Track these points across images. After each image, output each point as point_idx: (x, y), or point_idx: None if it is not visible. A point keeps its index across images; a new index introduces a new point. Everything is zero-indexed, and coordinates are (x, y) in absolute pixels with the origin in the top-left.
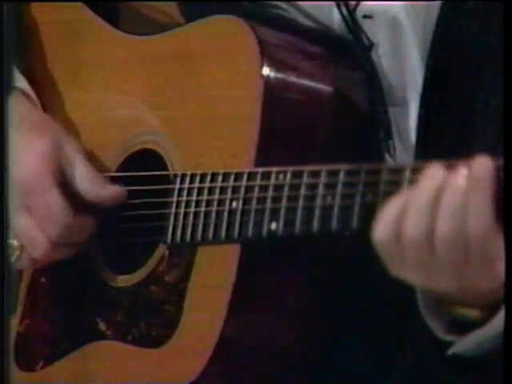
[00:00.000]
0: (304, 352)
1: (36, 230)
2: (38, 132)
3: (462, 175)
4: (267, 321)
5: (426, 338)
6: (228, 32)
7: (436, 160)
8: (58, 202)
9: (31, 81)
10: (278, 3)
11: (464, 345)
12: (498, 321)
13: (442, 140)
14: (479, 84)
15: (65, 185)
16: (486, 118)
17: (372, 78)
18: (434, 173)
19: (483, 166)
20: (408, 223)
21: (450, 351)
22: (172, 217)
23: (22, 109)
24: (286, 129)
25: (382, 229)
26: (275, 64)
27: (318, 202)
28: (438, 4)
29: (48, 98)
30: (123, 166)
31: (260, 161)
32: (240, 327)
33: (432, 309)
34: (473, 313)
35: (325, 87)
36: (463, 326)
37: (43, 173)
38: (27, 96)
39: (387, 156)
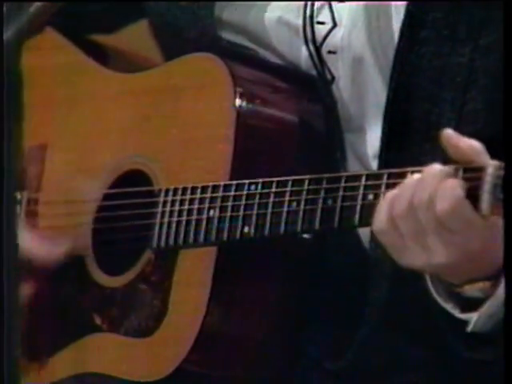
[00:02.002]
0: (273, 339)
1: None
2: None
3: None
4: (242, 313)
5: (443, 321)
6: (205, 68)
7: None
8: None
9: (34, 117)
10: (252, 46)
11: (479, 320)
12: (501, 290)
13: (404, 151)
14: (435, 101)
15: None
16: (453, 117)
17: (330, 110)
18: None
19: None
20: (396, 208)
21: (469, 328)
22: (157, 225)
23: None
24: (255, 150)
25: (379, 220)
26: (246, 96)
27: (285, 207)
28: (397, 33)
29: (46, 130)
30: (115, 184)
31: (233, 176)
32: (218, 319)
33: (444, 293)
34: (480, 286)
35: (289, 116)
36: (474, 302)
37: None
38: None
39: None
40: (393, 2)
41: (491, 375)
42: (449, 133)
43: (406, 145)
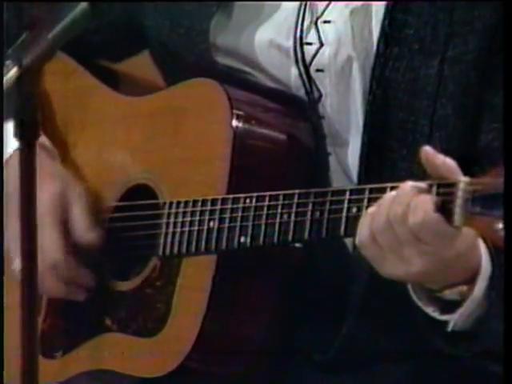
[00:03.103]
0: (270, 338)
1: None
2: (51, 178)
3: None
4: (239, 315)
5: (425, 322)
6: (205, 92)
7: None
8: (49, 240)
9: (49, 136)
10: (245, 69)
11: (458, 320)
12: (477, 291)
13: (383, 158)
14: (409, 110)
15: (64, 222)
16: (416, 137)
17: (317, 127)
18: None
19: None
20: (375, 223)
21: (449, 328)
22: (163, 235)
23: (39, 158)
24: (250, 167)
25: (361, 235)
26: (242, 117)
27: (277, 219)
28: (373, 40)
29: (61, 148)
30: (123, 198)
31: (230, 191)
32: (217, 321)
33: (424, 298)
34: (458, 290)
35: (280, 135)
36: (453, 304)
37: (48, 211)
38: (45, 148)
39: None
40: (381, 3)
41: (469, 369)
42: (427, 150)
43: (385, 152)
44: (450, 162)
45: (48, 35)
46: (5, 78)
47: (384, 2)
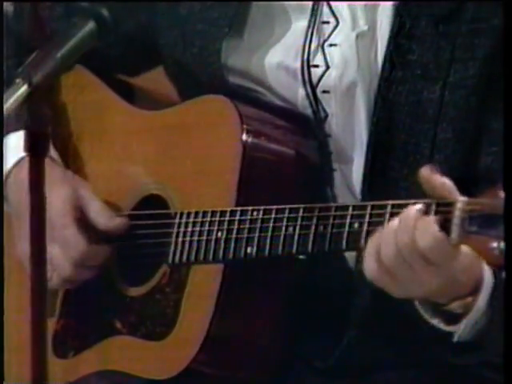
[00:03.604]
0: (274, 344)
1: (60, 257)
2: (60, 183)
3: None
4: (244, 322)
5: (432, 334)
6: (216, 107)
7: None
8: (74, 236)
9: (64, 146)
10: (256, 88)
11: (464, 330)
12: (481, 301)
13: (385, 177)
14: (411, 132)
15: (81, 220)
16: (417, 158)
17: (323, 144)
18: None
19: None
20: (383, 253)
21: (455, 339)
22: (173, 243)
23: (47, 169)
24: (258, 179)
25: (370, 269)
26: (251, 132)
27: (283, 231)
28: (377, 63)
29: (77, 159)
30: (137, 207)
31: (239, 202)
32: (223, 326)
33: (430, 311)
34: (464, 302)
35: (287, 150)
36: (458, 316)
37: (64, 213)
38: (52, 159)
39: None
40: (386, 29)
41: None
42: (426, 170)
43: (387, 171)
44: (447, 182)
45: (57, 54)
46: (15, 95)
47: (388, 28)
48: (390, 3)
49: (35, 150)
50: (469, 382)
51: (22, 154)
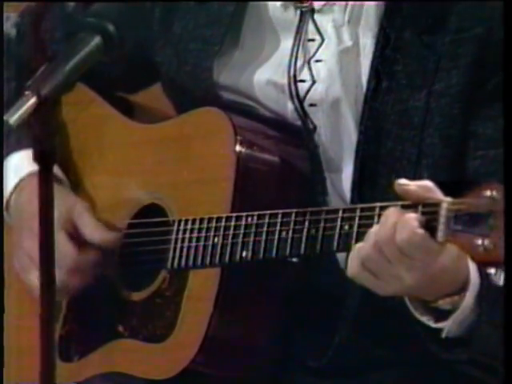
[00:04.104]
0: (269, 345)
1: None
2: (56, 198)
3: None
4: (240, 322)
5: (423, 330)
6: (211, 119)
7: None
8: (64, 246)
9: (66, 160)
10: (247, 102)
11: (452, 327)
12: (468, 298)
13: (373, 183)
14: (398, 140)
15: (75, 234)
16: (404, 164)
17: (313, 154)
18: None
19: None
20: (363, 251)
21: (443, 335)
22: (172, 250)
23: None
24: (252, 187)
25: (351, 267)
26: (245, 143)
27: (276, 236)
28: (365, 85)
29: (79, 172)
30: (137, 216)
31: (234, 209)
32: (220, 327)
33: (420, 308)
34: (451, 299)
35: (279, 159)
36: (446, 313)
37: (57, 228)
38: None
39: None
40: (370, 41)
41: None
42: (399, 182)
43: (376, 177)
44: (427, 183)
45: (65, 67)
46: (24, 107)
47: (373, 41)
48: (373, 18)
49: (43, 158)
50: (458, 381)
51: (25, 171)
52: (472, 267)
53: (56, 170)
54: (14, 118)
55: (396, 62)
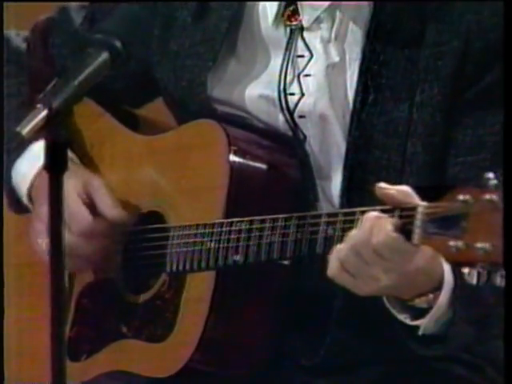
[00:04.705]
0: (260, 344)
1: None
2: (74, 175)
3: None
4: (235, 323)
5: (401, 328)
6: (206, 130)
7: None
8: (78, 211)
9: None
10: (241, 114)
11: (427, 324)
12: (443, 297)
13: (361, 190)
14: (384, 149)
15: (90, 204)
16: (390, 171)
17: (304, 163)
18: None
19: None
20: (342, 252)
21: (420, 332)
22: (170, 255)
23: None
24: (244, 195)
25: (330, 268)
26: (238, 153)
27: (264, 240)
28: (351, 98)
29: None
30: (138, 222)
31: (227, 215)
32: (216, 327)
33: (398, 307)
34: (426, 298)
35: (271, 168)
36: (422, 311)
37: (72, 195)
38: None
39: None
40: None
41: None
42: (380, 185)
43: (363, 185)
44: (405, 188)
45: (74, 81)
46: (36, 120)
47: (359, 56)
48: (358, 34)
49: (54, 166)
50: (441, 376)
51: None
52: (446, 268)
53: (72, 156)
54: (26, 129)
55: (381, 75)
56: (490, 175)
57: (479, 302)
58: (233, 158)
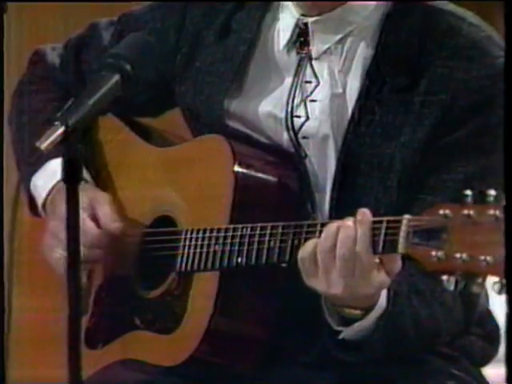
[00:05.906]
0: (259, 337)
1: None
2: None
3: (350, 222)
4: (237, 318)
5: (327, 330)
6: (214, 144)
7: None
8: (86, 225)
9: (97, 175)
10: (249, 132)
11: (348, 332)
12: (371, 317)
13: (348, 208)
14: (369, 177)
15: (95, 218)
16: (371, 200)
17: (303, 177)
18: (332, 224)
19: (363, 213)
20: (321, 245)
21: (340, 336)
22: (180, 255)
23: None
24: (248, 203)
25: (304, 251)
26: (242, 165)
27: (265, 244)
28: (347, 119)
29: (106, 186)
30: (152, 225)
31: (232, 222)
32: (220, 321)
33: (329, 310)
34: (355, 312)
35: (272, 179)
36: (348, 321)
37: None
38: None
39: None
40: (355, 91)
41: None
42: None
43: (347, 208)
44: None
45: (89, 101)
46: (54, 136)
47: (357, 91)
48: (361, 71)
49: (70, 178)
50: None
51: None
52: (383, 296)
53: (85, 174)
54: (44, 144)
55: (374, 112)
56: (468, 192)
57: (399, 332)
58: (237, 169)
